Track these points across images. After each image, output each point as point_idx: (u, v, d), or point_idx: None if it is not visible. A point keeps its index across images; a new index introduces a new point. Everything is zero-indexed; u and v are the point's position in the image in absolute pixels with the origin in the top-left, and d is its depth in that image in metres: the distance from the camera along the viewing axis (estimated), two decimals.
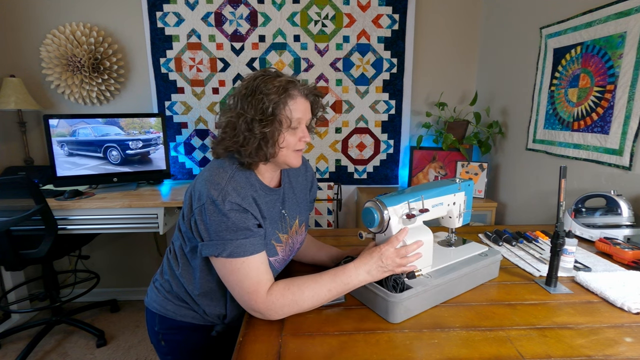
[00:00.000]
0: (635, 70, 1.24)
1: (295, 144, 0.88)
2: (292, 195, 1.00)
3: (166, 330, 0.98)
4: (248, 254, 0.80)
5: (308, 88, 0.89)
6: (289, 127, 0.86)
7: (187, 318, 0.96)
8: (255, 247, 0.81)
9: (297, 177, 1.04)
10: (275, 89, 0.83)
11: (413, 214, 0.83)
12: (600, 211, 1.24)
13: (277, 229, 0.93)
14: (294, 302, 0.79)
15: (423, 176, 2.26)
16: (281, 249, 0.94)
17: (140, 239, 2.47)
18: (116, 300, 2.45)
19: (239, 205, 0.80)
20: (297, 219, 1.00)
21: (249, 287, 0.80)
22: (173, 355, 1.01)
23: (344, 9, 2.22)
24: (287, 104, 0.84)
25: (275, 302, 0.79)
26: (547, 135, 1.69)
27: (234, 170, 0.85)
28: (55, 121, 1.91)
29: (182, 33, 2.20)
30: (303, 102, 0.87)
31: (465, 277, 0.90)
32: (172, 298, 0.96)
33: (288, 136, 0.86)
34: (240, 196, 0.81)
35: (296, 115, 0.85)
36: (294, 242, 0.99)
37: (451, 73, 2.35)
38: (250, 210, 0.82)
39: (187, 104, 2.29)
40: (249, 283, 0.80)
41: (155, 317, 0.98)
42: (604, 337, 0.72)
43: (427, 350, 0.69)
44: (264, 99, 0.82)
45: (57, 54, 2.13)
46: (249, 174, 0.88)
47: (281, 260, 0.95)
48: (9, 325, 2.21)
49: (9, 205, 1.67)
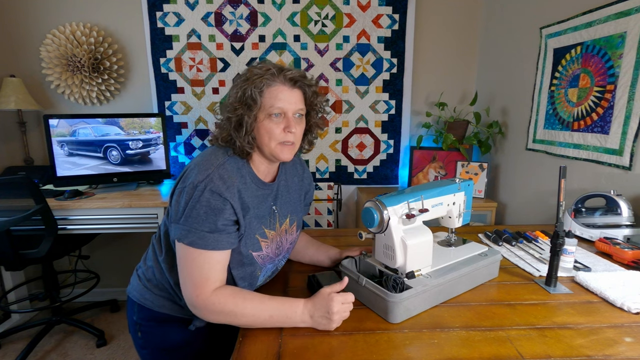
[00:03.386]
0: (635, 70, 1.24)
1: (279, 134, 0.84)
2: (287, 194, 0.98)
3: (144, 321, 0.96)
4: (209, 248, 0.78)
5: (294, 74, 0.85)
6: (268, 116, 0.83)
7: (164, 309, 0.93)
8: (218, 244, 0.79)
9: (294, 177, 1.02)
10: (250, 74, 0.83)
11: (413, 214, 0.83)
12: (600, 211, 1.24)
13: (263, 224, 0.90)
14: (232, 314, 0.77)
15: (423, 176, 2.26)
16: (266, 245, 0.91)
17: (140, 239, 2.47)
18: (116, 300, 2.45)
19: (219, 195, 0.79)
20: (289, 218, 0.98)
21: (195, 279, 0.79)
22: (149, 350, 0.98)
23: (344, 9, 2.22)
24: (261, 90, 0.82)
25: (215, 304, 0.78)
26: (547, 135, 1.69)
27: (226, 157, 0.85)
28: (55, 121, 1.91)
29: (182, 33, 2.20)
30: (286, 90, 0.84)
31: (465, 277, 0.90)
32: (151, 287, 0.94)
33: (269, 124, 0.84)
34: (225, 185, 0.80)
35: (276, 104, 0.82)
36: (282, 241, 0.96)
37: (451, 73, 2.35)
38: (230, 201, 0.80)
39: (187, 104, 2.29)
40: (198, 275, 0.79)
41: (135, 305, 0.96)
42: (604, 337, 0.72)
43: (427, 350, 0.69)
44: (241, 85, 0.83)
45: (57, 54, 2.13)
46: (242, 164, 0.87)
47: (266, 257, 0.92)
48: (9, 325, 2.21)
49: (9, 205, 1.66)
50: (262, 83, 0.82)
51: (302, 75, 0.86)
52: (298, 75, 0.85)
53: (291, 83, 0.85)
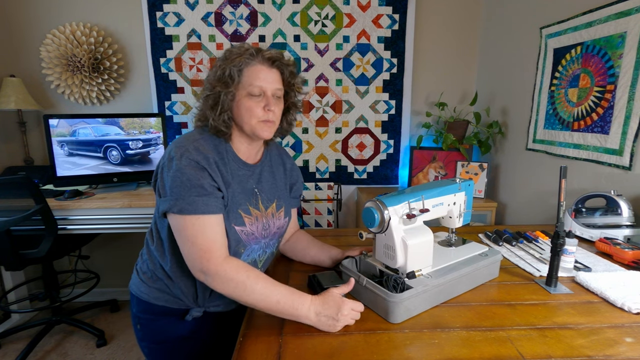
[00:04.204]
0: (635, 70, 1.24)
1: (259, 112, 0.87)
2: (272, 179, 1.00)
3: (142, 314, 0.97)
4: (200, 212, 0.78)
5: (272, 54, 0.87)
6: (248, 95, 0.86)
7: (160, 301, 0.94)
8: (209, 207, 0.79)
9: (279, 166, 1.05)
10: (229, 54, 0.86)
11: (413, 214, 0.83)
12: (600, 211, 1.24)
13: (247, 201, 0.92)
14: (243, 285, 0.76)
15: (423, 176, 2.26)
16: (250, 222, 0.91)
17: (140, 239, 2.47)
18: (116, 300, 2.45)
19: (196, 162, 0.80)
20: (275, 203, 0.99)
21: (202, 245, 0.77)
22: (148, 342, 0.99)
23: (344, 9, 2.22)
24: (240, 69, 0.85)
25: (228, 272, 0.77)
26: (547, 135, 1.69)
27: (203, 136, 0.88)
28: (55, 121, 1.91)
29: (182, 33, 2.20)
30: (265, 69, 0.86)
31: (465, 277, 0.90)
32: (146, 280, 0.95)
33: (249, 103, 0.86)
34: (200, 154, 0.82)
35: (255, 83, 0.85)
36: (269, 224, 0.97)
37: (451, 73, 2.35)
38: (208, 169, 0.82)
39: (187, 104, 2.29)
40: (203, 241, 0.78)
41: (134, 299, 0.98)
42: (604, 337, 0.72)
43: (427, 350, 0.69)
44: (220, 65, 0.86)
45: (57, 54, 2.13)
46: (219, 142, 0.89)
47: (250, 234, 0.92)
48: (9, 325, 2.21)
49: (9, 205, 1.66)
50: (240, 62, 0.84)
51: (279, 55, 0.89)
52: (276, 55, 0.88)
53: (269, 63, 0.87)
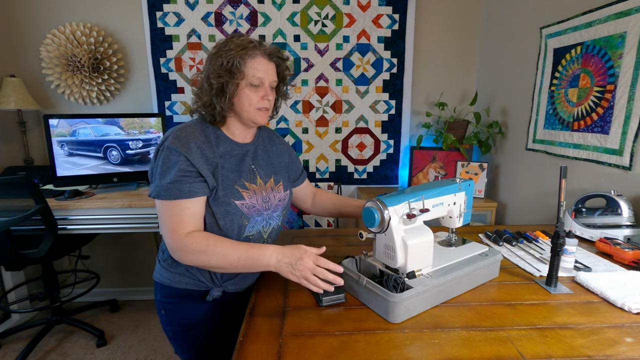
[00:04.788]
0: (635, 70, 1.24)
1: (257, 101, 0.94)
2: (266, 157, 1.07)
3: (165, 299, 1.02)
4: (172, 198, 0.86)
5: (271, 49, 0.95)
6: (249, 85, 0.92)
7: (181, 284, 0.99)
8: (181, 193, 0.87)
9: (272, 147, 1.11)
10: (235, 45, 0.91)
11: (414, 214, 0.83)
12: (600, 211, 1.24)
13: (243, 178, 0.98)
14: (204, 253, 0.85)
15: (423, 176, 2.26)
16: (248, 195, 0.97)
17: (140, 239, 2.47)
18: (116, 300, 2.45)
19: (174, 149, 0.88)
20: (273, 178, 1.05)
21: (170, 225, 0.87)
22: (172, 327, 1.04)
23: (344, 9, 2.22)
24: (245, 61, 0.91)
25: (189, 244, 0.85)
26: (547, 135, 1.69)
27: (192, 122, 0.96)
28: (55, 121, 1.91)
29: (182, 33, 2.20)
30: (265, 62, 0.94)
31: (465, 277, 0.90)
32: (167, 266, 1.00)
33: (249, 93, 0.93)
34: (179, 142, 0.89)
35: (257, 74, 0.92)
36: (269, 197, 1.03)
37: (451, 73, 2.35)
38: (185, 154, 0.88)
39: (187, 104, 2.29)
40: (171, 222, 0.87)
41: (158, 286, 1.03)
42: (605, 337, 0.72)
43: (427, 350, 0.69)
44: (223, 55, 0.91)
45: (57, 54, 2.13)
46: (206, 127, 0.96)
47: (251, 207, 0.97)
48: (9, 325, 2.21)
49: (9, 205, 1.66)
50: (246, 54, 0.91)
51: (277, 50, 0.97)
52: (274, 50, 0.97)
53: (269, 57, 0.95)
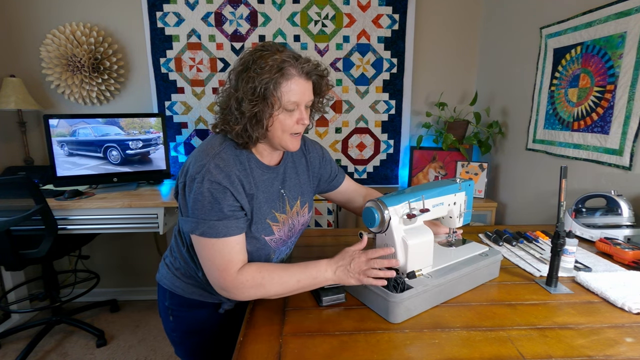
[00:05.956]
0: (635, 70, 1.24)
1: (292, 126, 0.85)
2: (295, 176, 0.99)
3: (175, 307, 0.99)
4: (220, 236, 0.80)
5: (310, 67, 0.83)
6: (282, 109, 0.82)
7: (195, 295, 0.97)
8: (229, 230, 0.81)
9: (301, 159, 1.02)
10: (268, 67, 0.78)
11: (414, 214, 0.83)
12: (600, 211, 1.24)
13: (273, 208, 0.91)
14: (262, 286, 0.80)
15: (423, 176, 2.26)
16: (278, 229, 0.92)
17: (140, 239, 2.47)
18: (116, 300, 2.45)
19: (218, 183, 0.79)
20: (299, 200, 0.98)
21: (219, 265, 0.81)
22: (179, 332, 1.02)
23: (344, 9, 2.22)
24: (279, 85, 0.80)
25: (244, 282, 0.80)
26: (547, 135, 1.69)
27: (224, 146, 0.85)
28: (55, 121, 1.91)
29: (182, 33, 2.20)
30: (302, 82, 0.83)
31: (465, 277, 0.90)
32: (180, 276, 0.97)
33: (283, 118, 0.83)
34: (222, 173, 0.80)
35: (292, 99, 0.81)
36: (294, 223, 0.98)
37: (451, 73, 2.35)
38: (230, 189, 0.81)
39: (187, 104, 2.29)
40: (220, 261, 0.81)
41: (166, 293, 1.00)
42: (605, 337, 0.72)
43: (427, 350, 0.69)
44: (256, 78, 0.78)
45: (57, 54, 2.13)
46: (240, 152, 0.87)
47: (279, 240, 0.94)
48: (9, 325, 2.21)
49: (9, 205, 1.66)
50: (282, 78, 0.80)
51: (315, 68, 0.86)
52: (313, 67, 0.85)
53: (307, 76, 0.84)
